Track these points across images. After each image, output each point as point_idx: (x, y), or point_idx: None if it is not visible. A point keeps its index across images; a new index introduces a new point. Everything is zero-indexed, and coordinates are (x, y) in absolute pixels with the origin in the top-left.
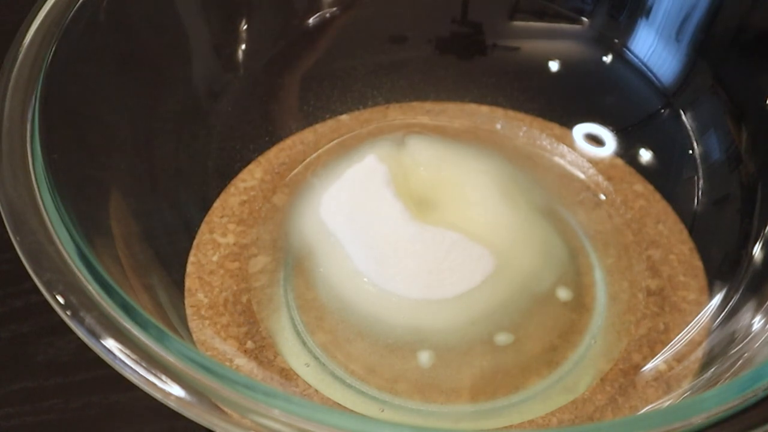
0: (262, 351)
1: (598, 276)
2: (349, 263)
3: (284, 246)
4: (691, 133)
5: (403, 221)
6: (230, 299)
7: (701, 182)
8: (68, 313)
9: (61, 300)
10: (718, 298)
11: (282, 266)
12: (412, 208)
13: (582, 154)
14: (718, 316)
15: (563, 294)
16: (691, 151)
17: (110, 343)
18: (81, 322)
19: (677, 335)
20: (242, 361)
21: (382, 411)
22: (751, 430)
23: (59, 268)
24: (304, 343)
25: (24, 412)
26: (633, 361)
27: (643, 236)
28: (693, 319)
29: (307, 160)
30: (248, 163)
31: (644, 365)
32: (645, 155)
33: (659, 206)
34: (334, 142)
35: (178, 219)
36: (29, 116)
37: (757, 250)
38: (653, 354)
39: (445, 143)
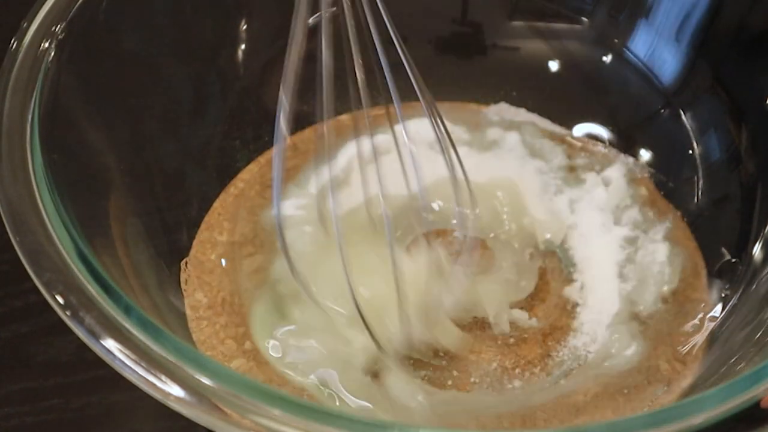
0: (262, 351)
1: None
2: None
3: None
4: (691, 133)
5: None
6: (228, 299)
7: (701, 182)
8: (68, 313)
9: (60, 300)
10: (718, 298)
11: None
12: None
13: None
14: (719, 316)
15: None
16: (691, 151)
17: (110, 343)
18: (81, 322)
19: (678, 335)
20: (241, 361)
21: None
22: (751, 430)
23: (59, 268)
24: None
25: (24, 412)
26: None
27: None
28: (694, 319)
29: (307, 159)
30: (248, 163)
31: (644, 365)
32: (645, 155)
33: (660, 205)
34: (334, 142)
35: (178, 219)
36: (29, 116)
37: (757, 250)
38: (654, 354)
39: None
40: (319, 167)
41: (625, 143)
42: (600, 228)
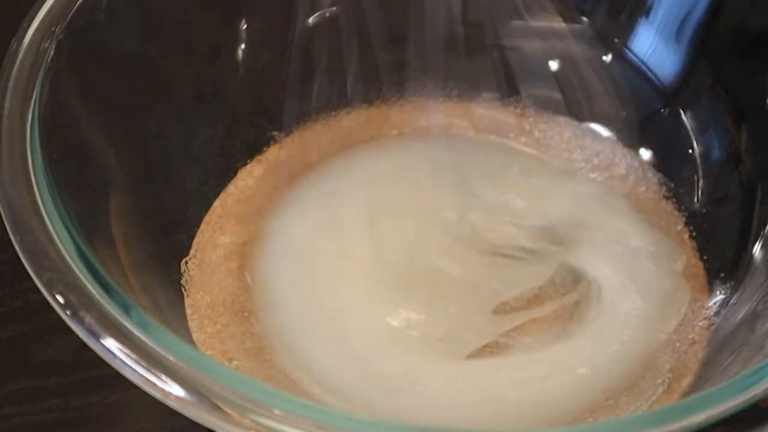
0: (261, 351)
1: None
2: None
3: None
4: (691, 132)
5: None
6: (229, 299)
7: (701, 182)
8: (68, 312)
9: (60, 300)
10: (718, 298)
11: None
12: None
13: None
14: (718, 316)
15: None
16: (691, 151)
17: (110, 343)
18: (81, 321)
19: (677, 335)
20: (242, 361)
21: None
22: (751, 430)
23: (59, 267)
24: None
25: (24, 412)
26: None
27: None
28: (693, 319)
29: (307, 160)
30: (248, 162)
31: (644, 365)
32: (645, 155)
33: (660, 205)
34: (334, 141)
35: (178, 219)
36: (29, 116)
37: (757, 250)
38: (653, 354)
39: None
40: None
41: (626, 143)
42: None
